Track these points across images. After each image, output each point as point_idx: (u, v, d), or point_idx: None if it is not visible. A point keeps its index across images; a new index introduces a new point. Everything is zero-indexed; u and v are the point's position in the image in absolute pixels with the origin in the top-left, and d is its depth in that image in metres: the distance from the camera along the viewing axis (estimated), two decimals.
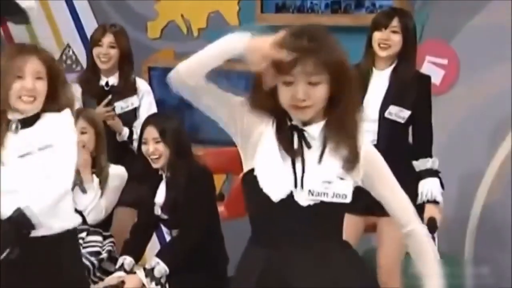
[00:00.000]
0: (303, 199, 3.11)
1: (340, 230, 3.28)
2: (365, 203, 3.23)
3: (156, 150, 4.83)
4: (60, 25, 8.11)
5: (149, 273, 4.89)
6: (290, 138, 3.14)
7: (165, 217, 5.05)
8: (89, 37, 7.12)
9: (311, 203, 3.11)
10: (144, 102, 6.08)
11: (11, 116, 3.76)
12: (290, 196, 3.11)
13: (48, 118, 3.79)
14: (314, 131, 3.11)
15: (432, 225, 4.84)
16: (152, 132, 4.86)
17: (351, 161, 3.13)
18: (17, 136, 3.75)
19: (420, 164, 4.94)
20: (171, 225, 5.12)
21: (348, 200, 3.13)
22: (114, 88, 5.96)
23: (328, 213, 3.17)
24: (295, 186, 3.11)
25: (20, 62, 3.72)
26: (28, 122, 3.77)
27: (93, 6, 7.95)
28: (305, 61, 3.00)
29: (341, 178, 3.12)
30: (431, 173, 4.99)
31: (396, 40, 5.00)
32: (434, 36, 6.27)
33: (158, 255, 4.96)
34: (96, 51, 6.06)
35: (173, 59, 7.33)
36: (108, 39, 5.98)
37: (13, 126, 3.76)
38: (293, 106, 3.05)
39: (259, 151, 3.18)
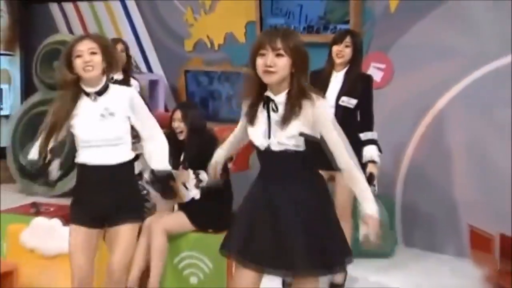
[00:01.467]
0: (275, 147, 3.15)
1: (301, 167, 3.24)
2: (327, 162, 3.20)
3: (179, 127, 4.80)
4: (126, 40, 7.94)
5: (196, 174, 4.77)
6: (259, 107, 3.19)
7: None
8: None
9: (281, 149, 3.14)
10: None
11: (89, 89, 3.57)
12: (268, 146, 3.16)
13: (113, 89, 3.65)
14: (280, 99, 3.13)
15: (371, 178, 4.83)
16: (178, 114, 4.83)
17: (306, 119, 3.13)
18: (96, 103, 3.58)
19: (364, 136, 4.86)
20: None
21: (302, 149, 3.16)
22: (117, 81, 5.61)
23: (291, 156, 3.17)
24: (269, 138, 3.15)
25: (77, 45, 3.56)
26: (101, 92, 3.60)
27: (148, 26, 7.86)
28: (275, 41, 3.06)
29: (301, 133, 3.13)
30: (372, 142, 4.94)
31: (348, 52, 4.94)
32: (376, 49, 6.21)
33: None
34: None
35: (202, 65, 7.46)
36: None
37: (92, 97, 3.58)
38: (264, 71, 3.08)
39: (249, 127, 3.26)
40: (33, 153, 3.70)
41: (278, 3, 6.72)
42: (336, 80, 4.94)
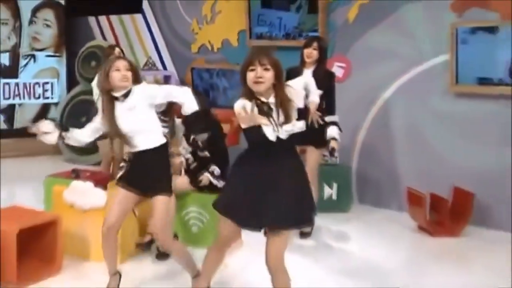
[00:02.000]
0: (283, 135, 3.08)
1: (289, 145, 3.18)
2: (300, 139, 3.23)
3: None
4: (146, 45, 7.97)
5: (212, 173, 4.71)
6: (265, 109, 3.10)
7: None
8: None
9: (285, 136, 3.09)
10: None
11: (117, 94, 3.57)
12: (278, 137, 3.09)
13: (135, 90, 3.60)
14: (272, 102, 3.10)
15: (333, 151, 4.87)
16: None
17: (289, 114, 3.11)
18: (122, 104, 3.57)
19: (328, 119, 4.83)
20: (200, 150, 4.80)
21: (304, 128, 3.18)
22: None
23: (290, 141, 3.14)
24: (278, 131, 3.07)
25: (117, 63, 3.57)
26: (126, 95, 3.58)
27: (163, 34, 7.76)
28: (262, 58, 3.06)
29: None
30: (334, 123, 4.93)
31: (315, 53, 4.91)
32: (338, 51, 6.17)
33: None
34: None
35: (204, 63, 7.32)
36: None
37: (120, 99, 3.57)
38: (254, 81, 3.06)
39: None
40: (85, 136, 3.76)
41: (263, 16, 6.64)
42: (307, 75, 4.89)
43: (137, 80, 3.64)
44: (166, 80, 7.57)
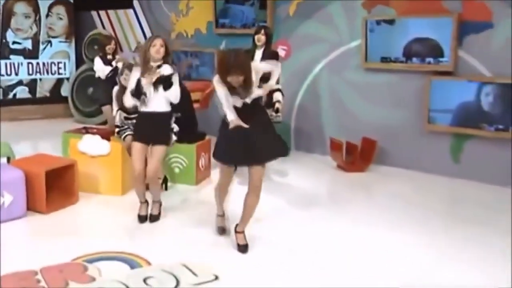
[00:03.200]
0: (248, 100, 3.14)
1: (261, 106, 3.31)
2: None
3: None
4: (136, 33, 7.74)
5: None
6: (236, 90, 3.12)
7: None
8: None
9: (250, 100, 3.15)
10: None
11: (152, 64, 3.51)
12: (245, 102, 3.14)
13: (164, 66, 3.54)
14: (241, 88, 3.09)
15: (277, 110, 4.85)
16: None
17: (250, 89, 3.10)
18: (154, 73, 3.49)
19: (274, 87, 4.58)
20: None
21: (261, 94, 3.25)
22: (108, 60, 5.60)
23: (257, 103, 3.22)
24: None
25: (154, 40, 3.51)
26: (159, 66, 3.51)
27: (149, 25, 7.52)
28: (237, 72, 3.01)
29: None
30: (278, 90, 4.91)
31: (263, 38, 4.86)
32: (282, 38, 6.07)
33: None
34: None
35: (180, 46, 7.02)
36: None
37: (153, 68, 3.50)
38: (232, 83, 3.06)
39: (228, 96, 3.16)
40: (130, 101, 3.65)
41: (227, 10, 6.52)
42: (258, 54, 4.87)
43: (169, 55, 3.59)
44: None
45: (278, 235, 3.63)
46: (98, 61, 5.65)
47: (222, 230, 3.60)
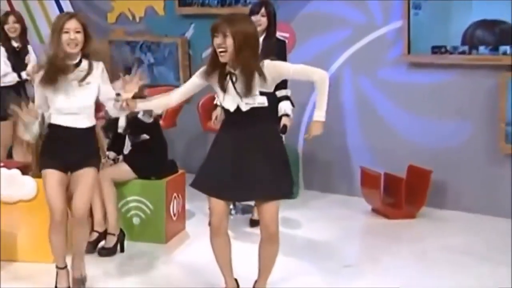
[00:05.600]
0: (244, 107, 3.47)
1: (264, 119, 3.56)
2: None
3: None
4: (50, 13, 7.68)
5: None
6: (226, 79, 3.47)
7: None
8: None
9: (248, 108, 3.48)
10: None
11: (68, 62, 3.70)
12: (238, 107, 3.48)
13: (84, 63, 3.75)
14: (236, 71, 3.44)
15: (284, 129, 4.95)
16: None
17: (255, 82, 3.42)
18: (73, 73, 3.71)
19: (279, 93, 4.83)
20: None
21: (266, 104, 3.51)
22: (15, 49, 5.86)
23: (256, 112, 3.49)
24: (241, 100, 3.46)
25: (65, 23, 3.67)
26: (77, 64, 3.72)
27: (73, 4, 7.60)
28: (222, 26, 3.40)
29: (261, 93, 3.48)
30: (286, 98, 4.99)
31: (264, 20, 5.00)
32: (281, 20, 5.67)
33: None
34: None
35: (124, 35, 7.31)
36: None
37: (71, 68, 3.72)
38: (218, 52, 3.42)
39: (218, 93, 3.56)
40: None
41: None
42: None
43: (90, 45, 3.84)
44: None
45: None
46: None
47: None
